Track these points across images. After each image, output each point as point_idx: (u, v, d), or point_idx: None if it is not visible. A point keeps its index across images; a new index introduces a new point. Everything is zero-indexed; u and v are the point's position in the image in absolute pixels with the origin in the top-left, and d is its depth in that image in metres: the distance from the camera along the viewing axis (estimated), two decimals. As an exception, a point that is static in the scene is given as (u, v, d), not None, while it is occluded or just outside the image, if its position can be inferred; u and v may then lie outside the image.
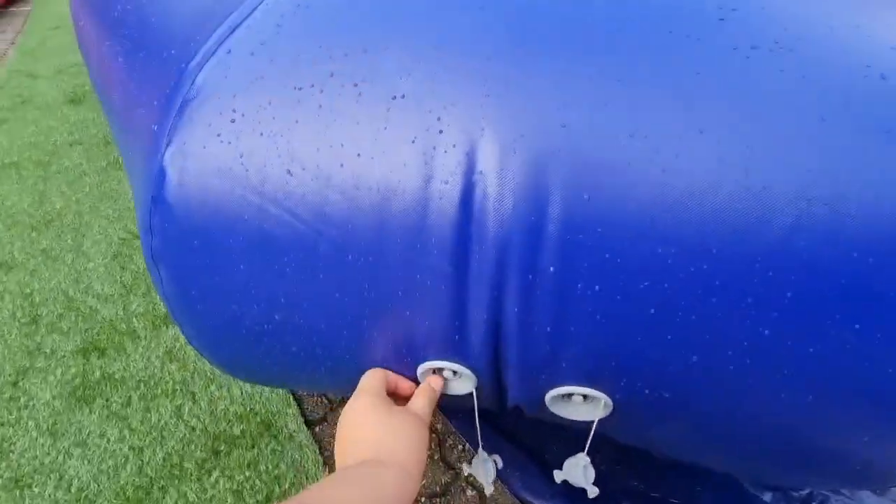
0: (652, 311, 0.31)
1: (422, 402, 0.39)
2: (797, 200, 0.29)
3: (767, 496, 0.61)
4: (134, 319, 0.92)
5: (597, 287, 0.31)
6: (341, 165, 0.34)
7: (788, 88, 0.29)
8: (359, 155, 0.34)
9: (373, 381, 0.39)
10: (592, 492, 0.42)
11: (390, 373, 0.41)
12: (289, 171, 0.35)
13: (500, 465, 0.46)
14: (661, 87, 0.30)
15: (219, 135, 0.36)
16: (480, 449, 0.46)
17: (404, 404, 0.40)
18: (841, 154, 0.28)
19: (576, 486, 0.43)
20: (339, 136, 0.34)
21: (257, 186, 0.36)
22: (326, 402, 0.78)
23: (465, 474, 0.44)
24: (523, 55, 0.32)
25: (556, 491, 0.63)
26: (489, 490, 0.46)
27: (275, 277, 0.38)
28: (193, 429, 0.73)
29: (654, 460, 0.63)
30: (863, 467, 0.35)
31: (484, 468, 0.46)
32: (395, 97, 0.33)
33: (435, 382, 0.40)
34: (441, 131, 0.32)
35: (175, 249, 0.39)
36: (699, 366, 0.32)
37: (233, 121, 0.36)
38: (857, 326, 0.29)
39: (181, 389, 0.79)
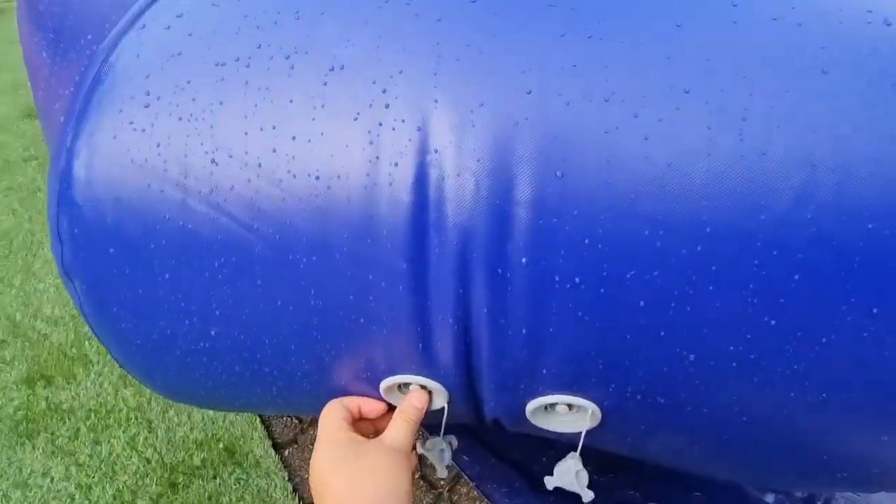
0: (641, 303, 0.27)
1: (400, 429, 0.34)
2: (800, 166, 0.25)
3: (770, 498, 0.57)
4: (86, 343, 0.85)
5: (577, 279, 0.27)
6: (274, 151, 0.29)
7: (784, 39, 0.25)
8: (293, 138, 0.29)
9: (330, 422, 0.34)
10: (587, 496, 0.38)
11: (351, 400, 0.36)
12: (213, 161, 0.30)
13: (455, 445, 0.42)
14: (638, 42, 0.26)
15: (131, 122, 0.31)
16: (439, 438, 0.41)
17: (383, 425, 0.35)
18: (847, 110, 0.25)
19: (569, 490, 0.38)
20: (270, 117, 0.29)
21: (178, 180, 0.31)
22: (296, 422, 0.72)
23: (418, 451, 0.40)
24: (479, 12, 0.28)
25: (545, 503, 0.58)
26: (443, 474, 0.42)
27: (206, 286, 0.32)
28: (148, 460, 0.66)
29: (649, 468, 0.59)
30: (881, 470, 0.32)
31: (440, 455, 0.42)
32: (332, 68, 0.29)
33: (418, 400, 0.34)
34: (387, 105, 0.28)
35: (88, 259, 0.34)
36: (697, 365, 0.28)
37: (147, 105, 0.31)
38: (875, 311, 0.25)
39: (136, 417, 0.72)
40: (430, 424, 0.39)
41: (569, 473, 0.38)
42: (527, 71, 0.27)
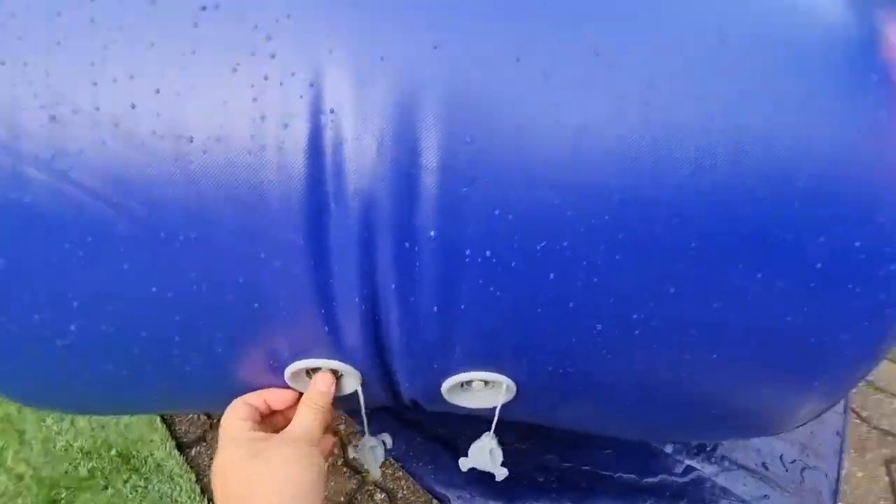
0: (551, 276, 0.26)
1: (305, 417, 0.31)
2: (699, 134, 0.25)
3: (669, 448, 0.63)
4: (-70, 346, 0.71)
5: (488, 252, 0.26)
6: (132, 106, 0.24)
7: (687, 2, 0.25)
8: (157, 91, 0.24)
9: (230, 424, 0.31)
10: (501, 474, 0.38)
11: (255, 396, 0.33)
12: (53, 118, 0.24)
13: (389, 444, 0.41)
14: (547, -1, 0.25)
15: (-68, 64, 0.24)
16: (367, 435, 0.40)
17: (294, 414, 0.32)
18: (740, 78, 0.25)
19: (483, 470, 0.38)
20: (126, 65, 0.24)
21: (8, 141, 0.24)
22: (204, 418, 0.66)
23: (351, 457, 0.38)
24: (377, -47, 0.24)
25: (470, 478, 0.59)
26: (376, 475, 0.41)
27: (56, 272, 0.27)
28: (20, 477, 0.57)
29: (562, 432, 0.62)
30: (766, 416, 0.35)
31: (373, 454, 0.40)
32: (204, 7, 0.24)
33: (322, 384, 0.32)
34: (273, 55, 0.24)
35: None
36: (603, 334, 0.28)
37: (-46, 43, 0.24)
38: (759, 275, 0.27)
39: (3, 429, 0.62)
40: (351, 410, 0.37)
41: (483, 453, 0.38)
42: (434, 24, 0.24)
